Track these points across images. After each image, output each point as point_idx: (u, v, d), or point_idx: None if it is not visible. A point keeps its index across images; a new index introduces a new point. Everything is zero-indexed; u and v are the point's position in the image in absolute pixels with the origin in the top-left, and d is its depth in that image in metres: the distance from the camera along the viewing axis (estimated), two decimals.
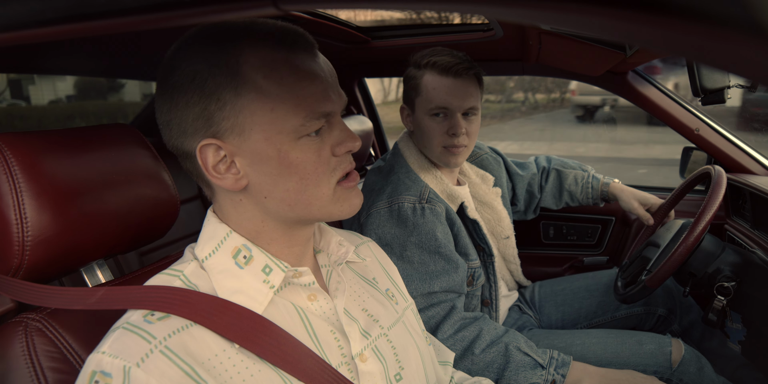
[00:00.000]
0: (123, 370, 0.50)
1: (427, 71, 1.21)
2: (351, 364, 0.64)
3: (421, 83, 1.22)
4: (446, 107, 1.20)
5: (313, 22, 1.37)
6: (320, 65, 0.60)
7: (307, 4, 0.46)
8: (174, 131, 0.59)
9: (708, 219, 1.09)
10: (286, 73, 0.56)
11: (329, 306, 0.67)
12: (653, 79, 1.65)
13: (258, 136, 0.56)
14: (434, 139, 1.23)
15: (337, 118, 0.62)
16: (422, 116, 1.23)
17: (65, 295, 0.64)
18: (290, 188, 0.59)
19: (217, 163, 0.58)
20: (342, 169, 0.62)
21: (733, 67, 0.23)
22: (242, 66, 0.55)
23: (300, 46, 0.58)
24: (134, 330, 0.53)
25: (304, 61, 0.58)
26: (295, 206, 0.60)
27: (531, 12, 0.28)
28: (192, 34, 0.58)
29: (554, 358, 1.09)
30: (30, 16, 0.49)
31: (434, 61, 1.19)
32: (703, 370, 1.17)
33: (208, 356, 0.55)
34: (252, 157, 0.58)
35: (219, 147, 0.57)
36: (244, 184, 0.59)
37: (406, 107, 1.30)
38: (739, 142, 1.59)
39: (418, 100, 1.23)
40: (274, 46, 0.56)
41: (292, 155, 0.57)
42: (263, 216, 0.62)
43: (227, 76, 0.55)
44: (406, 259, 1.15)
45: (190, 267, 0.62)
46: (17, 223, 0.62)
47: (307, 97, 0.57)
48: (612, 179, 1.60)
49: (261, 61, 0.56)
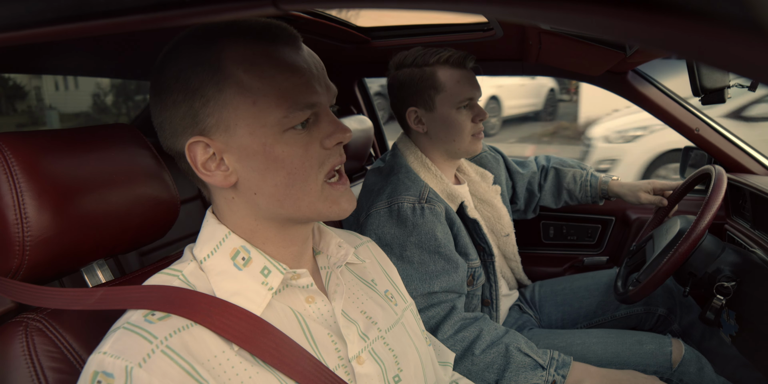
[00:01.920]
0: (125, 371, 0.50)
1: (439, 68, 1.22)
2: (348, 366, 0.64)
3: (440, 80, 1.22)
4: (472, 97, 1.24)
5: (313, 22, 1.37)
6: (303, 57, 0.60)
7: (306, 3, 0.46)
8: (167, 131, 0.60)
9: (708, 219, 1.09)
10: (267, 66, 0.57)
11: (327, 308, 0.66)
12: (653, 78, 1.65)
13: (243, 131, 0.57)
14: (465, 129, 1.25)
15: (325, 110, 0.61)
16: (448, 111, 1.24)
17: (64, 296, 0.64)
18: (278, 183, 0.59)
19: (206, 161, 0.58)
20: (331, 163, 0.62)
21: (733, 66, 0.23)
22: (223, 61, 0.56)
23: (281, 39, 0.59)
24: (135, 330, 0.53)
25: (285, 53, 0.58)
26: (284, 202, 0.60)
27: (531, 11, 0.28)
28: (178, 37, 0.59)
29: (555, 359, 1.09)
30: (30, 16, 0.49)
31: (445, 57, 1.22)
32: (704, 370, 1.17)
33: (208, 357, 0.55)
34: (239, 153, 0.58)
35: (207, 144, 0.58)
36: (233, 180, 0.59)
37: (417, 109, 1.27)
38: (739, 141, 1.59)
39: (440, 96, 1.23)
40: (253, 41, 0.57)
41: (278, 149, 0.58)
42: (255, 214, 0.62)
43: (209, 73, 0.56)
44: (406, 259, 1.14)
45: (189, 267, 0.62)
46: (17, 223, 0.62)
47: (289, 88, 0.57)
48: (611, 177, 1.60)
49: (241, 56, 0.56)
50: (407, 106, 1.28)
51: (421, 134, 1.30)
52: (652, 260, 1.23)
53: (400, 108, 1.30)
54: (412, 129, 1.30)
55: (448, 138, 1.27)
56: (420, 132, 1.29)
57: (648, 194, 1.50)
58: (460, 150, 1.28)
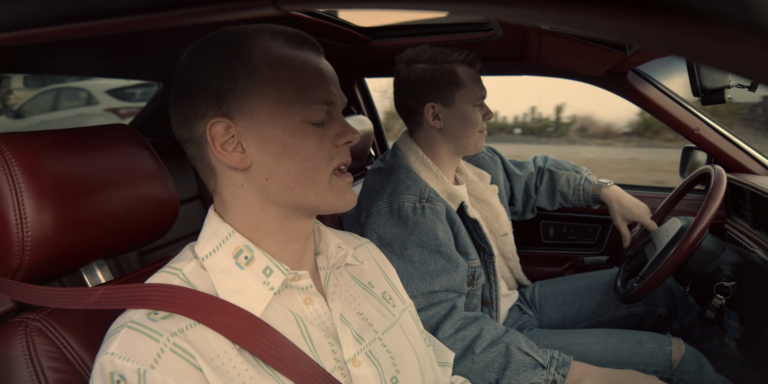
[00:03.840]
0: (138, 373, 0.50)
1: (458, 65, 1.25)
2: (344, 368, 0.65)
3: (461, 77, 1.25)
4: (485, 96, 1.28)
5: (313, 22, 1.37)
6: (325, 64, 0.65)
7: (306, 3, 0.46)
8: (189, 114, 0.61)
9: (708, 219, 1.09)
10: (294, 63, 0.61)
11: (324, 310, 0.67)
12: (653, 78, 1.65)
13: (266, 116, 0.60)
14: (477, 126, 1.29)
15: (338, 113, 0.66)
16: (467, 108, 1.27)
17: (64, 296, 0.64)
18: (291, 169, 0.61)
19: (224, 142, 0.60)
20: (339, 160, 0.65)
21: (733, 66, 0.23)
22: (255, 53, 0.60)
23: (307, 46, 0.64)
24: (140, 328, 0.54)
25: (310, 57, 0.63)
26: (294, 188, 0.62)
27: (530, 11, 0.28)
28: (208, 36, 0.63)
29: (555, 358, 1.09)
30: (30, 16, 0.49)
31: (464, 55, 1.25)
32: (704, 370, 1.17)
33: (212, 355, 0.55)
34: (258, 137, 0.60)
35: (228, 126, 0.60)
36: (248, 163, 0.61)
37: (436, 105, 1.27)
38: (739, 141, 1.59)
39: (460, 93, 1.26)
40: (284, 42, 0.62)
41: (296, 136, 0.61)
42: (263, 203, 0.63)
43: (241, 61, 0.60)
44: (406, 258, 1.15)
45: (189, 266, 0.62)
46: (17, 224, 0.62)
47: (312, 83, 0.62)
48: (605, 183, 1.57)
49: (272, 51, 0.61)
50: (425, 101, 1.28)
51: (433, 131, 1.30)
52: (655, 257, 1.23)
53: (414, 104, 1.29)
54: (426, 125, 1.29)
55: (463, 134, 1.29)
56: (435, 128, 1.30)
57: (624, 224, 1.49)
58: (469, 146, 1.31)
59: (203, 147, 0.62)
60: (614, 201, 1.51)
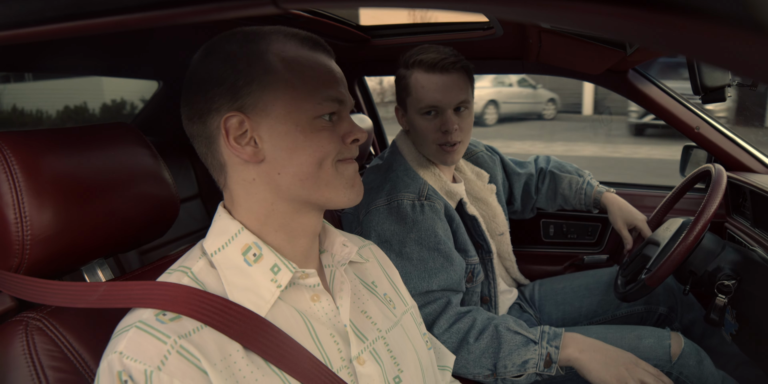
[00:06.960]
0: (145, 375, 0.51)
1: (415, 70, 1.20)
2: (350, 367, 0.65)
3: (411, 83, 1.21)
4: (436, 105, 1.19)
5: (314, 21, 1.37)
6: (336, 67, 0.68)
7: (306, 2, 0.46)
8: (201, 107, 0.62)
9: (708, 217, 1.09)
10: (307, 63, 0.64)
11: (330, 307, 0.67)
12: (653, 77, 1.64)
13: (279, 111, 0.62)
14: (428, 137, 1.22)
15: (347, 113, 0.68)
16: (414, 116, 1.23)
17: (66, 292, 0.64)
18: (303, 162, 0.63)
19: (238, 136, 0.62)
20: (347, 154, 0.67)
21: (734, 65, 0.23)
22: (271, 53, 0.62)
23: (320, 49, 0.67)
24: (148, 330, 0.54)
25: (322, 58, 0.66)
26: (305, 181, 0.63)
27: (530, 10, 0.28)
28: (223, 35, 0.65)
29: (545, 332, 1.09)
30: (30, 14, 0.49)
31: (420, 59, 1.18)
32: (703, 364, 1.16)
33: (219, 358, 0.55)
34: (271, 132, 0.62)
35: (242, 120, 0.61)
36: (261, 158, 0.62)
37: (399, 108, 1.30)
38: (740, 140, 1.59)
39: (409, 100, 1.23)
40: (298, 43, 0.65)
41: (308, 131, 0.63)
42: (274, 197, 0.64)
43: (257, 59, 0.62)
44: (405, 255, 1.15)
45: (198, 264, 0.63)
46: (17, 223, 0.62)
47: (323, 82, 0.64)
48: (605, 189, 1.58)
49: (287, 52, 0.63)
50: (396, 102, 1.30)
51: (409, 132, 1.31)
52: (658, 254, 1.23)
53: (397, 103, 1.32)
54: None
55: (417, 142, 1.28)
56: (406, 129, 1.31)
57: (625, 227, 1.49)
58: (429, 156, 1.27)
59: (215, 142, 0.63)
60: (615, 205, 1.52)
